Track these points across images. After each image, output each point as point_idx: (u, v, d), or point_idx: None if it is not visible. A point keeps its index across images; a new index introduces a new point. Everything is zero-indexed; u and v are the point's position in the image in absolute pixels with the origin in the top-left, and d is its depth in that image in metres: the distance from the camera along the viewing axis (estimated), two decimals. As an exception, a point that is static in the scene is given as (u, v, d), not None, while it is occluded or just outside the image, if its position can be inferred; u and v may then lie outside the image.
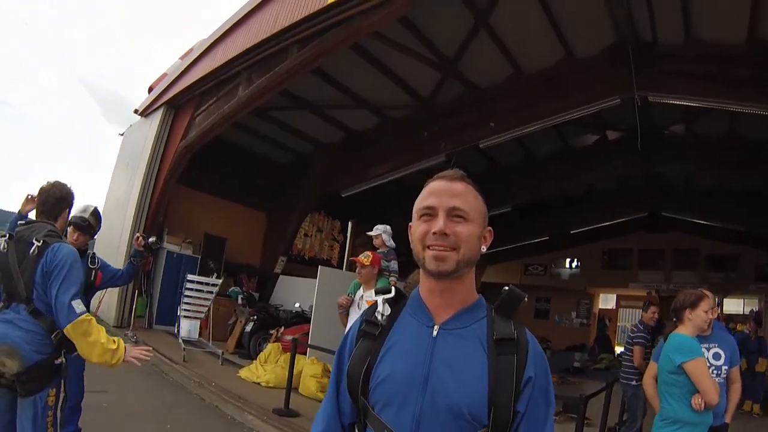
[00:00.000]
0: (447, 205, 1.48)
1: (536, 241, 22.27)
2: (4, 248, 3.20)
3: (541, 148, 15.78)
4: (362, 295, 5.77)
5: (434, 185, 1.54)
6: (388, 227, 7.45)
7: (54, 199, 3.43)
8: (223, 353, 10.67)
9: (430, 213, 1.50)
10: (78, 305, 3.08)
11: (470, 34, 10.81)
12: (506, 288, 1.57)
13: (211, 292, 11.26)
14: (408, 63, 11.45)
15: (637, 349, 7.14)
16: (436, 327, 1.50)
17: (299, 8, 9.42)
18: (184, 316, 10.78)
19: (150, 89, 13.92)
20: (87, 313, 3.12)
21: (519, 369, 1.44)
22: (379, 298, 1.58)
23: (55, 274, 3.11)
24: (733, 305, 21.34)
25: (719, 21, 9.52)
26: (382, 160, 14.46)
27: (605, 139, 15.39)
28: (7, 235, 3.26)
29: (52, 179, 3.52)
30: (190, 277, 11.23)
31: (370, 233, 7.46)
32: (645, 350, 7.04)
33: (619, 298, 28.24)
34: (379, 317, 1.57)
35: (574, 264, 26.77)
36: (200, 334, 11.16)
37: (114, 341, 3.23)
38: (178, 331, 10.82)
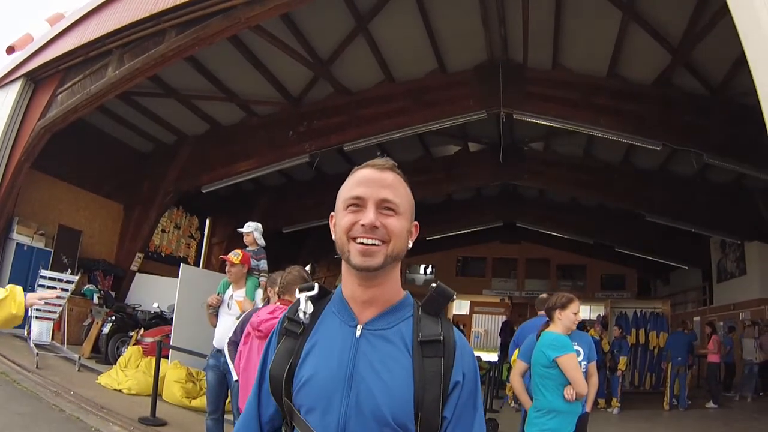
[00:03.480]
0: (377, 197, 1.40)
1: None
2: None
3: (403, 154, 16.03)
4: (231, 295, 5.71)
5: (362, 174, 1.46)
6: (259, 225, 7.28)
7: None
8: (80, 358, 9.89)
9: (358, 204, 1.41)
10: None
11: (348, 38, 10.94)
12: (434, 285, 1.50)
13: (66, 290, 10.46)
14: (282, 59, 11.28)
15: None
16: (359, 327, 1.42)
17: (182, -9, 8.95)
18: (36, 317, 9.89)
19: (10, 50, 12.31)
20: None
21: (446, 373, 1.38)
22: (302, 296, 1.49)
23: None
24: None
25: (585, 53, 10.66)
26: (246, 157, 14.08)
27: (467, 151, 16.22)
28: None
29: None
30: (43, 272, 10.44)
31: (240, 230, 7.23)
32: None
33: (473, 304, 29.80)
34: (302, 315, 1.47)
35: (429, 270, 27.91)
36: (53, 337, 10.32)
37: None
38: (29, 334, 9.93)
